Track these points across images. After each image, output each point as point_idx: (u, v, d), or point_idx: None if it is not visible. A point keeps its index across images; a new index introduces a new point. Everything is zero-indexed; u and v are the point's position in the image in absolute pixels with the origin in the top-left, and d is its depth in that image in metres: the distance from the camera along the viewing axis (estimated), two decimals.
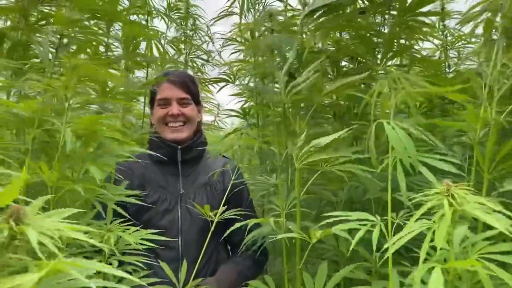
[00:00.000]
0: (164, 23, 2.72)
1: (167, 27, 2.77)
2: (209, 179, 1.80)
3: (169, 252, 1.68)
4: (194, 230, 1.70)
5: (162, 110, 1.77)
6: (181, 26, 3.04)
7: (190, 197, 1.74)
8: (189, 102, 1.80)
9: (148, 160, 1.80)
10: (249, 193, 1.89)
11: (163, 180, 1.75)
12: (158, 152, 1.76)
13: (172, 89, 1.78)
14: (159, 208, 1.70)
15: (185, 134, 1.78)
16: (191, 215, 1.70)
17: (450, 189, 0.87)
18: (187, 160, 1.78)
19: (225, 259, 1.81)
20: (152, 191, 1.72)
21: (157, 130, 1.80)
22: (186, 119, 1.79)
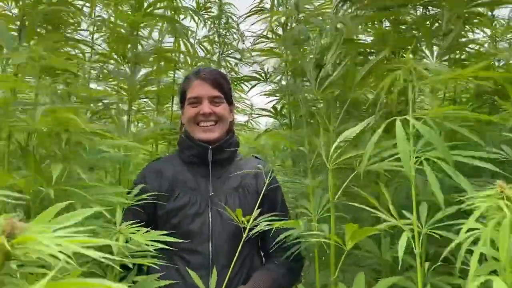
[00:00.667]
0: (194, 22, 2.66)
1: (197, 26, 2.71)
2: (241, 181, 1.71)
3: (199, 258, 1.60)
4: (225, 235, 1.62)
5: (193, 109, 1.70)
6: (214, 24, 2.99)
7: (221, 200, 1.66)
8: (221, 101, 1.73)
9: (178, 161, 1.74)
10: (283, 195, 1.80)
11: (194, 181, 1.69)
12: (188, 152, 1.71)
13: (204, 86, 1.70)
14: (189, 211, 1.63)
15: (217, 134, 1.70)
16: (222, 219, 1.62)
17: (504, 191, 0.75)
18: (218, 161, 1.71)
19: (259, 266, 1.71)
20: (182, 193, 1.66)
21: (187, 130, 1.74)
22: (218, 118, 1.71)
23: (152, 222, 1.65)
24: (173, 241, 1.29)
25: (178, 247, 1.61)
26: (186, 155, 1.72)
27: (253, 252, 1.69)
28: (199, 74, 1.73)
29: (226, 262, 1.55)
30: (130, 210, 1.57)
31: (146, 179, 1.67)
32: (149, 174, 1.69)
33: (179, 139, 1.78)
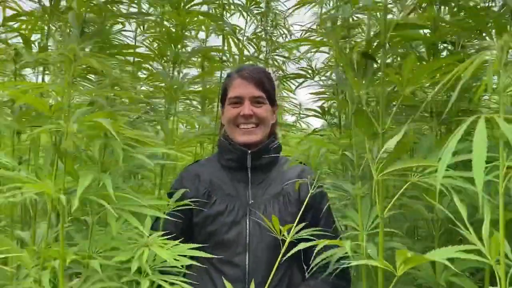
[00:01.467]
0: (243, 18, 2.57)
1: (246, 23, 2.62)
2: (282, 189, 1.59)
3: (235, 270, 1.51)
4: (264, 246, 1.52)
5: (233, 109, 1.61)
6: (261, 21, 2.89)
7: (260, 208, 1.55)
8: (263, 101, 1.62)
9: (217, 165, 1.65)
10: (329, 205, 1.65)
11: (232, 187, 1.59)
12: (226, 156, 1.62)
13: (245, 86, 1.60)
14: (226, 219, 1.54)
15: (257, 137, 1.60)
16: (261, 228, 1.51)
17: None
18: (258, 167, 1.60)
19: (299, 283, 1.57)
20: (219, 199, 1.57)
21: (227, 132, 1.65)
22: (259, 120, 1.60)
23: (188, 228, 1.58)
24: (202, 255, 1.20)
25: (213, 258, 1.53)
26: (225, 158, 1.63)
27: (293, 266, 1.56)
28: (242, 72, 1.63)
29: (264, 276, 1.44)
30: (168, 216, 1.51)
31: (183, 183, 1.60)
32: (186, 178, 1.62)
33: (218, 141, 1.70)
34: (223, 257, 1.51)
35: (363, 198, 1.29)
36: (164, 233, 1.20)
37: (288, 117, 3.52)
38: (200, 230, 1.56)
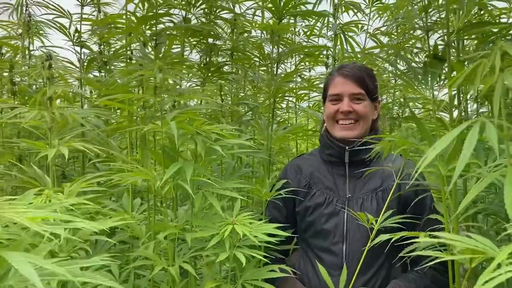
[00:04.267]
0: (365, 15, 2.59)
1: (369, 19, 2.63)
2: (382, 183, 1.63)
3: (332, 258, 1.60)
4: (359, 237, 1.57)
5: (333, 106, 1.69)
6: (392, 15, 2.83)
7: (358, 202, 1.61)
8: (363, 98, 1.66)
9: (319, 159, 1.76)
10: (433, 201, 1.62)
11: (331, 181, 1.68)
12: (326, 151, 1.72)
13: (345, 83, 1.67)
14: (325, 211, 1.64)
15: (356, 132, 1.65)
16: (359, 222, 1.57)
17: None
18: (356, 162, 1.66)
19: (398, 275, 1.60)
20: (319, 192, 1.68)
21: (327, 127, 1.74)
22: (358, 116, 1.65)
23: (292, 216, 1.73)
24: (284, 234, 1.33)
25: (314, 244, 1.65)
26: (325, 153, 1.72)
27: (392, 260, 1.57)
28: (342, 70, 1.69)
29: (361, 267, 1.50)
30: (271, 204, 1.69)
31: (287, 175, 1.74)
32: (290, 170, 1.76)
33: (320, 136, 1.79)
34: (322, 245, 1.62)
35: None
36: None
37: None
38: (302, 219, 1.69)
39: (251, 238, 1.18)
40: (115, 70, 1.98)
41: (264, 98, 1.85)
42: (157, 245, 1.28)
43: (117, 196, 1.99)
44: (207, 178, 1.19)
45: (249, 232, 1.18)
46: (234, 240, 1.25)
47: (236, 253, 1.17)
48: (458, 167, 0.68)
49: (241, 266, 1.21)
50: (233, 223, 1.22)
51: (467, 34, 1.13)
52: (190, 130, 1.20)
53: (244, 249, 1.24)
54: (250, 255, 1.22)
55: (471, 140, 0.68)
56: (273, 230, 1.28)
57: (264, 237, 1.21)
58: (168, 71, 1.17)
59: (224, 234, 1.17)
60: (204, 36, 1.79)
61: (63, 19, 2.27)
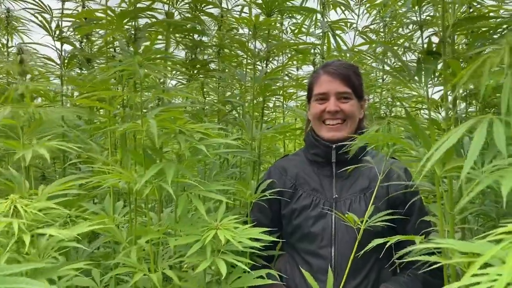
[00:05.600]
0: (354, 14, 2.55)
1: (358, 17, 2.59)
2: (369, 183, 1.58)
3: (321, 262, 1.55)
4: (348, 240, 1.52)
5: (319, 105, 1.63)
6: (379, 12, 2.80)
7: (346, 203, 1.56)
8: (350, 97, 1.61)
9: (304, 159, 1.71)
10: (422, 202, 1.58)
11: (317, 182, 1.63)
12: (312, 151, 1.66)
13: (331, 82, 1.61)
14: (311, 213, 1.59)
15: (343, 133, 1.60)
16: (347, 223, 1.53)
17: None
18: (343, 161, 1.61)
19: (389, 278, 1.55)
20: (305, 193, 1.62)
21: (313, 127, 1.68)
22: (345, 116, 1.60)
23: (278, 219, 1.67)
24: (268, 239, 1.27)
25: (301, 248, 1.59)
26: (310, 153, 1.67)
27: (382, 261, 1.53)
28: (327, 68, 1.64)
29: (350, 269, 1.45)
30: (256, 206, 1.63)
31: (271, 177, 1.68)
32: (274, 172, 1.70)
33: (305, 136, 1.74)
34: (310, 248, 1.57)
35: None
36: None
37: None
38: (288, 222, 1.63)
39: (235, 244, 1.12)
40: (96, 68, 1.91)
41: (252, 97, 1.79)
42: (139, 249, 1.22)
43: (100, 198, 1.93)
44: (191, 180, 1.13)
45: (233, 237, 1.12)
46: (217, 246, 1.19)
47: (217, 260, 1.11)
48: (465, 167, 0.63)
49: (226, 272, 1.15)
50: (217, 228, 1.16)
51: (460, 30, 1.09)
52: (172, 129, 1.14)
53: (228, 255, 1.17)
54: (234, 261, 1.16)
55: (479, 139, 0.64)
56: (258, 234, 1.22)
57: (249, 243, 1.15)
58: (149, 67, 1.11)
59: (205, 240, 1.10)
60: (188, 32, 1.73)
61: (45, 15, 2.19)
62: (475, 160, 1.08)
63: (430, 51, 1.11)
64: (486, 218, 1.70)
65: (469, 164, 0.63)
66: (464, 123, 0.69)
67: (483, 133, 0.63)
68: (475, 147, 0.63)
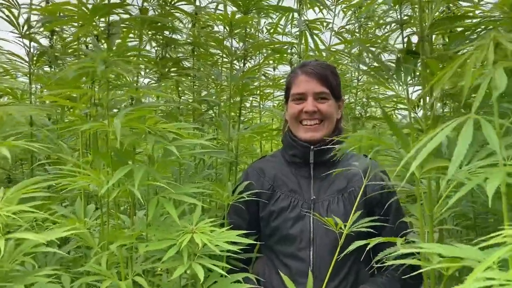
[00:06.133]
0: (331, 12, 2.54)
1: (334, 17, 2.58)
2: (347, 184, 1.57)
3: (299, 265, 1.52)
4: (327, 242, 1.51)
5: (297, 106, 1.61)
6: (355, 13, 2.81)
7: (324, 205, 1.55)
8: (327, 97, 1.60)
9: (282, 160, 1.68)
10: (398, 202, 1.58)
11: (296, 183, 1.61)
12: (290, 152, 1.64)
13: (309, 82, 1.59)
14: (289, 215, 1.56)
15: (321, 133, 1.58)
16: (325, 224, 1.50)
17: None
18: (321, 162, 1.59)
19: (367, 279, 1.54)
20: (283, 195, 1.60)
21: (290, 128, 1.66)
22: (323, 116, 1.59)
23: (256, 222, 1.64)
24: (248, 242, 1.24)
25: (279, 251, 1.57)
26: (288, 154, 1.65)
27: (360, 263, 1.52)
28: (305, 68, 1.62)
29: (331, 272, 1.43)
30: (233, 208, 1.59)
31: (249, 178, 1.65)
32: (252, 174, 1.67)
33: (282, 137, 1.72)
34: (288, 251, 1.54)
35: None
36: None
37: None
38: (266, 224, 1.60)
39: (212, 248, 1.08)
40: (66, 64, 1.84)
41: (228, 96, 1.75)
42: (111, 255, 1.16)
43: (71, 201, 1.86)
44: (162, 182, 1.08)
45: (210, 241, 1.08)
46: (194, 250, 1.14)
47: (194, 265, 1.07)
48: (451, 167, 0.61)
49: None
50: (192, 232, 1.12)
51: (439, 30, 1.08)
52: (142, 129, 1.09)
53: (204, 259, 1.14)
54: (211, 266, 1.12)
55: (465, 138, 0.62)
56: (235, 237, 1.18)
57: (226, 246, 1.11)
58: (118, 64, 1.06)
59: (181, 244, 1.06)
60: (162, 29, 1.68)
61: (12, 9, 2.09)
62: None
63: (410, 50, 1.09)
64: (462, 217, 1.71)
65: (456, 163, 0.61)
66: (447, 124, 0.67)
67: (469, 134, 0.61)
68: (461, 148, 0.61)
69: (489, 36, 0.64)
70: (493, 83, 0.62)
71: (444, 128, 0.66)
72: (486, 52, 0.63)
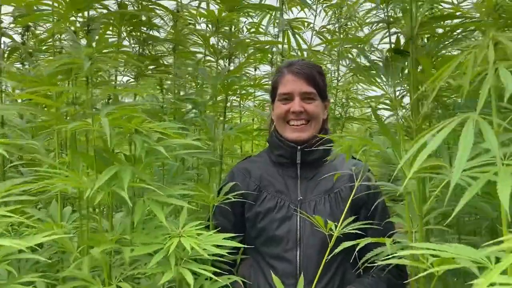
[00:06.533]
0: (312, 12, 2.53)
1: (315, 17, 2.58)
2: (333, 185, 1.56)
3: (286, 266, 1.51)
4: (314, 243, 1.49)
5: (283, 106, 1.59)
6: (335, 14, 2.81)
7: (310, 205, 1.53)
8: (314, 97, 1.59)
9: (268, 161, 1.66)
10: (384, 203, 1.58)
11: (282, 183, 1.59)
12: (276, 152, 1.62)
13: (296, 82, 1.57)
14: (276, 216, 1.54)
15: (308, 133, 1.57)
16: (312, 225, 1.48)
17: None
18: (308, 162, 1.58)
19: (352, 280, 1.53)
20: (269, 195, 1.58)
21: (276, 128, 1.64)
22: (310, 117, 1.57)
23: (241, 223, 1.61)
24: (234, 245, 1.21)
25: (265, 252, 1.54)
26: (275, 154, 1.63)
27: (346, 263, 1.51)
28: (292, 67, 1.60)
29: (315, 272, 1.41)
30: (218, 210, 1.56)
31: (234, 179, 1.62)
32: (237, 174, 1.64)
33: (268, 137, 1.70)
34: (274, 252, 1.52)
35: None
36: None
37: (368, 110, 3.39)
38: (252, 225, 1.58)
39: (201, 252, 1.04)
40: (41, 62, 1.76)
41: (211, 95, 1.71)
42: (90, 260, 1.11)
43: (45, 203, 1.78)
44: (150, 184, 1.04)
45: (198, 245, 1.04)
46: (180, 254, 1.11)
47: (182, 270, 1.03)
48: (456, 172, 0.59)
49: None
50: (180, 235, 1.08)
51: (428, 29, 1.07)
52: (127, 128, 1.04)
53: (192, 263, 1.10)
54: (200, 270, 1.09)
55: (467, 138, 0.60)
56: (223, 241, 1.15)
57: (215, 250, 1.08)
58: (102, 60, 1.01)
59: (169, 249, 1.02)
60: (138, 25, 1.62)
61: None
62: (442, 158, 1.08)
63: (398, 49, 1.09)
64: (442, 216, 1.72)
65: (459, 170, 0.59)
66: (446, 124, 0.66)
67: (470, 136, 0.60)
68: (464, 150, 0.60)
69: (489, 35, 0.63)
70: (494, 83, 0.61)
71: (444, 127, 0.64)
72: (486, 51, 0.62)
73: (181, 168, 1.72)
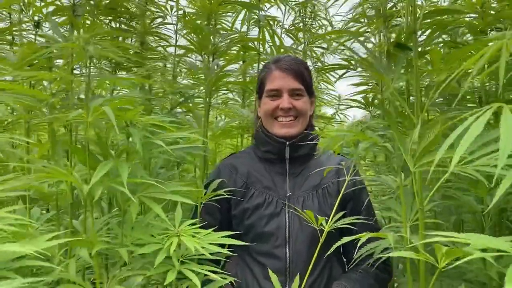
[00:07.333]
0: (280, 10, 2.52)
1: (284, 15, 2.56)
2: (321, 181, 1.55)
3: (275, 263, 1.48)
4: (303, 239, 1.48)
5: (272, 102, 1.56)
6: (300, 13, 2.82)
7: (299, 201, 1.52)
8: (302, 94, 1.57)
9: (254, 157, 1.62)
10: (369, 197, 1.59)
11: (270, 179, 1.56)
12: (263, 148, 1.59)
13: (284, 78, 1.55)
14: (264, 212, 1.51)
15: (296, 129, 1.56)
16: (301, 221, 1.47)
17: None
18: (296, 158, 1.56)
19: (340, 275, 1.53)
20: (257, 192, 1.54)
21: (263, 124, 1.61)
22: (298, 113, 1.56)
23: (227, 220, 1.57)
24: (234, 243, 1.17)
25: (254, 249, 1.51)
26: (262, 151, 1.60)
27: (333, 258, 1.51)
28: (280, 63, 1.58)
29: (304, 268, 1.40)
30: (204, 207, 1.51)
31: (220, 175, 1.58)
32: (224, 170, 1.60)
33: (255, 133, 1.66)
34: (263, 249, 1.49)
35: (406, 190, 1.22)
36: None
37: (328, 109, 3.45)
38: (239, 222, 1.54)
39: (201, 250, 0.99)
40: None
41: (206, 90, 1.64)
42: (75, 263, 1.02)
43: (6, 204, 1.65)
44: (149, 179, 0.97)
45: (198, 244, 0.99)
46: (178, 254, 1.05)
47: (184, 271, 0.97)
48: (500, 162, 0.58)
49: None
50: (178, 235, 1.03)
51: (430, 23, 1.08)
52: (125, 119, 0.97)
53: (189, 264, 1.04)
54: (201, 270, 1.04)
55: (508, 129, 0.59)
56: (221, 239, 1.11)
57: (215, 249, 1.03)
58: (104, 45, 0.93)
59: (169, 249, 0.96)
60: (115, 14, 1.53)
61: None
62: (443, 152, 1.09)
63: (399, 43, 1.09)
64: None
65: (503, 159, 0.58)
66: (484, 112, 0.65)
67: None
68: (506, 140, 0.58)
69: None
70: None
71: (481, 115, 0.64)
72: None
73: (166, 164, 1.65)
